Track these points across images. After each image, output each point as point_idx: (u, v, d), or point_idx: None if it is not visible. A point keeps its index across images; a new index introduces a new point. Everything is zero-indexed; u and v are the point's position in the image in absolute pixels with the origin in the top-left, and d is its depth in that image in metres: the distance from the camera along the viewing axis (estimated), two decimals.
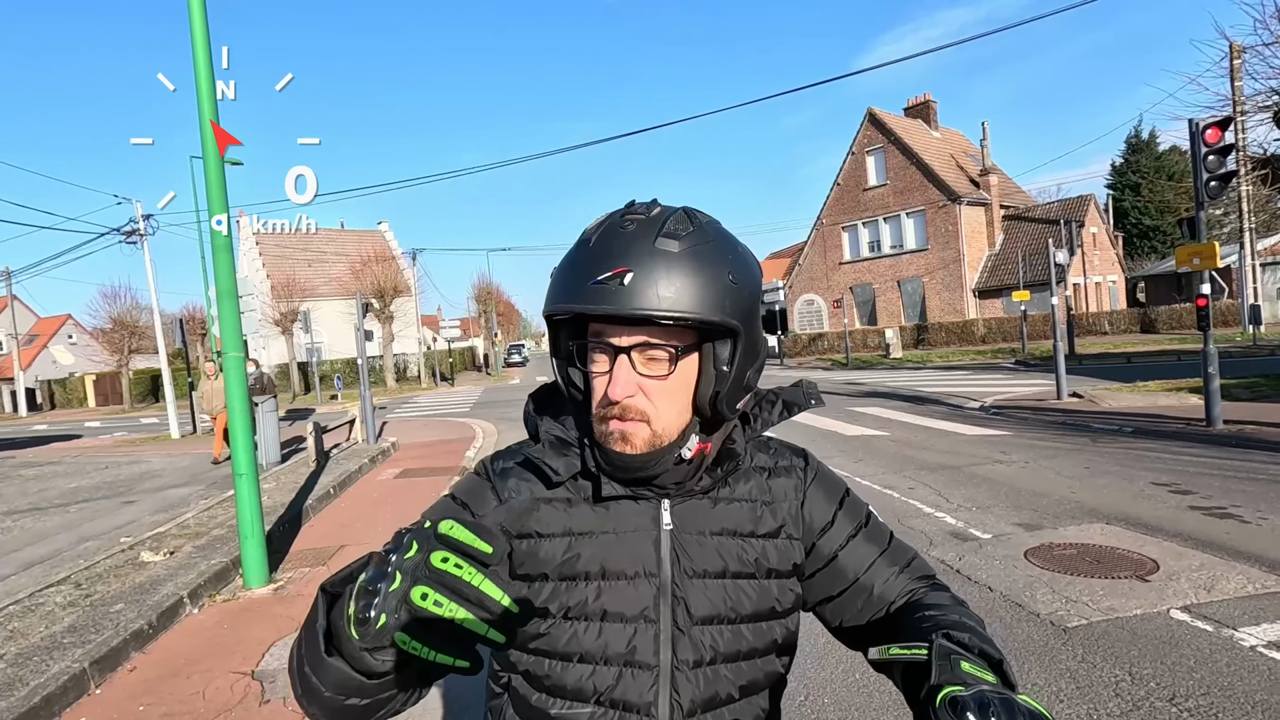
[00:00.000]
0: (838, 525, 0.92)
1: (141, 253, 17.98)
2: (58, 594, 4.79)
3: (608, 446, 0.81)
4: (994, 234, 30.42)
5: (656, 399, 0.80)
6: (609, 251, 0.76)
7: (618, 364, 0.78)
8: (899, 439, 9.02)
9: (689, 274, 0.75)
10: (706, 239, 0.78)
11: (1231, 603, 3.49)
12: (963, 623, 0.76)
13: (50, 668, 3.60)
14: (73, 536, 7.02)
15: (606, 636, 0.82)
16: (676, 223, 0.78)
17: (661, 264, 0.75)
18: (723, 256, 0.79)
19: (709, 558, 0.86)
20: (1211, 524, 4.71)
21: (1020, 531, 4.88)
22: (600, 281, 0.74)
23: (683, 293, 0.75)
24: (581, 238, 0.80)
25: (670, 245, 0.76)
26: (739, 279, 0.79)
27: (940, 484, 6.40)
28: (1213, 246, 7.74)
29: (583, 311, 0.77)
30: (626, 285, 0.74)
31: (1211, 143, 7.68)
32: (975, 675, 0.62)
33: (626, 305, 0.74)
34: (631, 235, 0.76)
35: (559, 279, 0.80)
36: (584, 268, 0.77)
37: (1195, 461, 6.60)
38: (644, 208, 0.80)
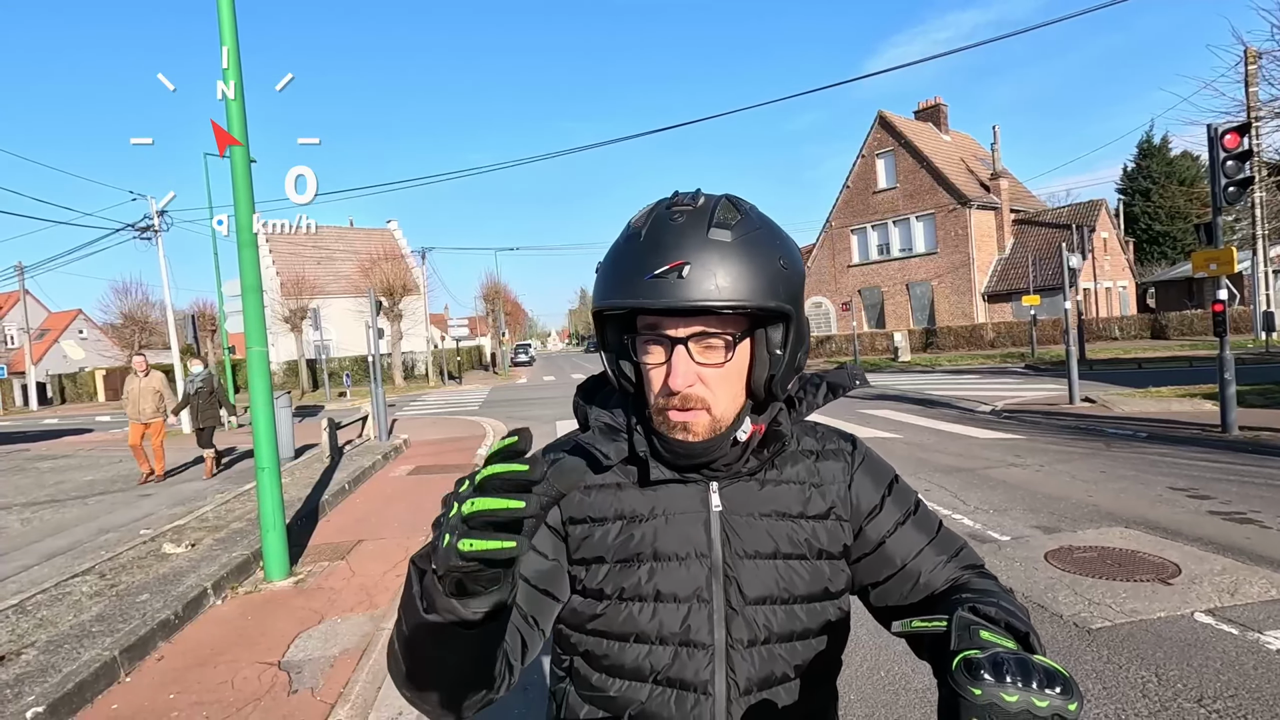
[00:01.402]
0: (885, 510, 0.92)
1: (154, 248, 18.13)
2: (83, 584, 4.85)
3: (670, 436, 0.83)
4: (1004, 238, 30.34)
5: (715, 386, 0.81)
6: (662, 244, 0.76)
7: (675, 355, 0.79)
8: (912, 441, 9.02)
9: (743, 262, 0.76)
10: (755, 227, 0.80)
11: (1256, 606, 3.49)
12: (991, 596, 0.75)
13: (81, 655, 3.65)
14: (92, 528, 7.09)
15: (661, 616, 0.84)
16: (725, 212, 0.79)
17: (716, 254, 0.75)
18: (772, 243, 0.80)
19: (759, 538, 0.87)
20: (1231, 529, 4.70)
21: (1039, 534, 4.88)
22: (657, 275, 0.75)
23: (739, 281, 0.76)
24: (629, 230, 0.81)
25: (723, 235, 0.76)
26: (788, 264, 0.81)
27: (956, 486, 6.40)
28: (1230, 252, 7.73)
29: (643, 307, 0.77)
30: (685, 278, 0.74)
31: (1230, 148, 7.65)
32: (993, 641, 0.62)
33: (686, 297, 0.75)
34: (683, 227, 0.77)
35: (610, 272, 0.80)
36: (637, 261, 0.77)
37: (1212, 467, 6.59)
38: (689, 197, 0.80)
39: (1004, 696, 0.54)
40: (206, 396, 9.95)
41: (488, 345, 51.99)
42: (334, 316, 34.54)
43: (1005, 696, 0.54)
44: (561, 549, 0.88)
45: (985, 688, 0.55)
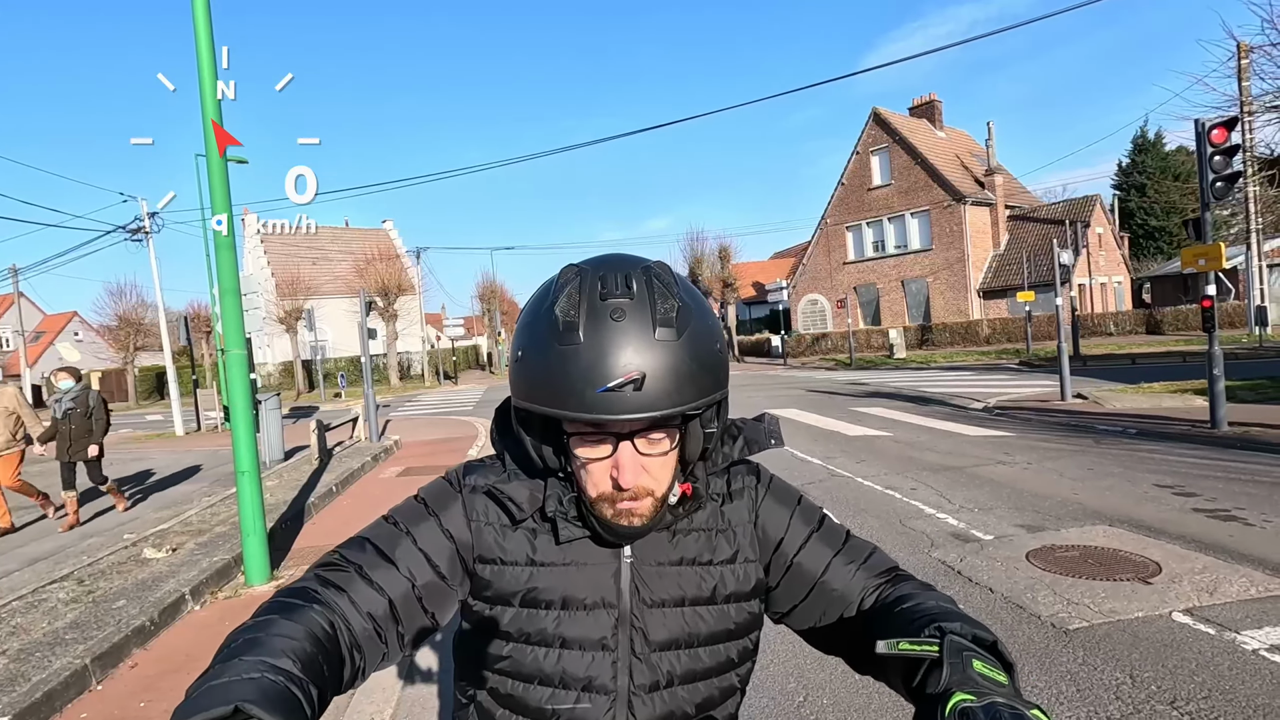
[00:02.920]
0: (792, 531, 0.93)
1: (146, 250, 18.07)
2: (60, 590, 4.81)
3: (615, 524, 0.82)
4: (999, 234, 30.33)
5: (658, 472, 0.81)
6: (607, 353, 0.73)
7: (622, 451, 0.78)
8: (902, 440, 9.00)
9: (691, 362, 0.76)
10: (691, 314, 0.78)
11: (1234, 605, 3.47)
12: (950, 610, 0.76)
13: (52, 663, 3.61)
14: (75, 533, 7.05)
15: (565, 663, 0.85)
16: (663, 301, 0.77)
17: (667, 360, 0.74)
18: (707, 327, 0.79)
19: (668, 587, 0.88)
20: (1215, 526, 4.68)
21: (1022, 533, 4.86)
22: (611, 389, 0.73)
23: (690, 384, 0.75)
24: (562, 329, 0.75)
25: (668, 335, 0.75)
26: (721, 344, 0.81)
27: (942, 485, 6.38)
28: (1218, 248, 7.70)
29: (602, 422, 0.75)
30: (641, 391, 0.73)
31: (1217, 143, 7.63)
32: (988, 677, 0.62)
33: (644, 409, 0.73)
34: (626, 329, 0.74)
35: (544, 377, 0.76)
36: (583, 370, 0.73)
37: (1199, 464, 6.57)
38: (621, 286, 0.77)
39: None
40: (80, 420, 7.30)
41: (484, 345, 51.95)
42: (329, 317, 34.48)
43: None
44: (461, 579, 0.87)
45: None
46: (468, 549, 0.87)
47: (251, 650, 0.65)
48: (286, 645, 0.67)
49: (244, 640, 0.68)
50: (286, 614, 0.73)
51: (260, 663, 0.64)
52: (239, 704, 0.58)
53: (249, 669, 0.63)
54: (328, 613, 0.76)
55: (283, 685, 0.62)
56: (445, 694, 3.19)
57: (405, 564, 0.84)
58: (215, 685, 0.61)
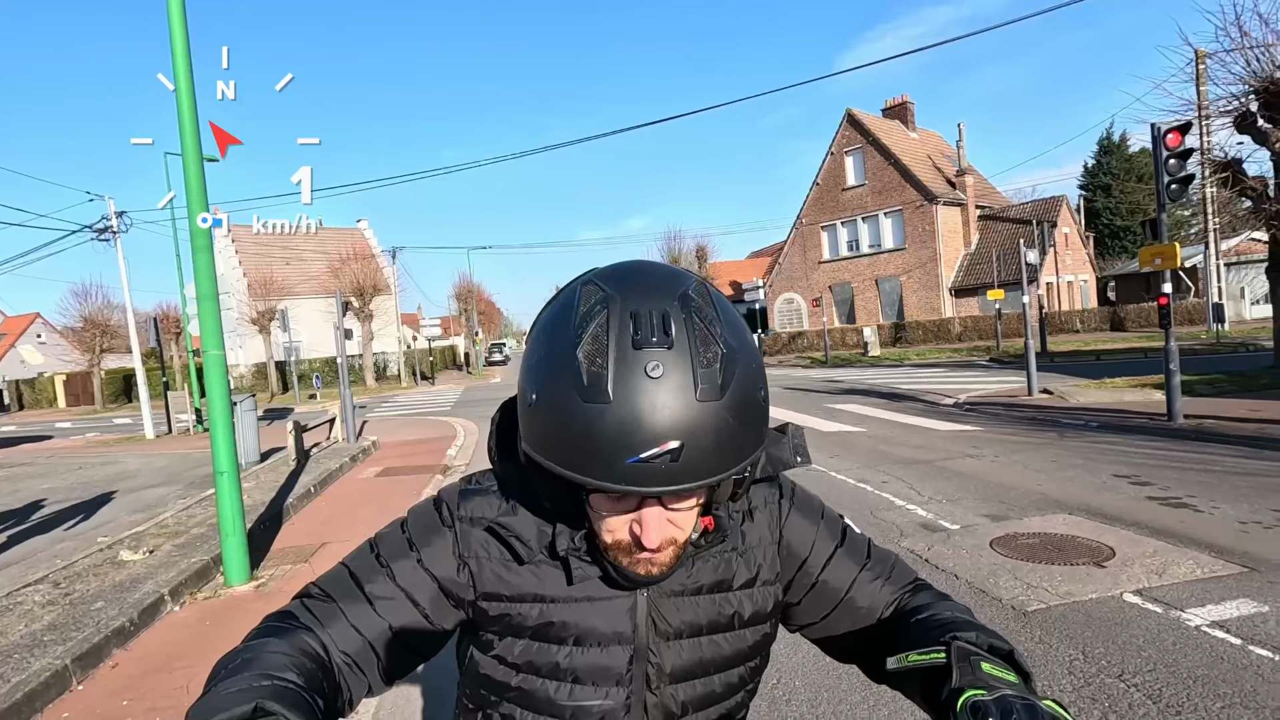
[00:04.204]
0: (817, 549, 0.91)
1: (113, 250, 17.73)
2: (36, 593, 4.78)
3: (631, 573, 0.78)
4: (970, 234, 30.94)
5: (684, 522, 0.76)
6: (640, 416, 0.64)
7: (647, 512, 0.73)
8: (875, 435, 9.21)
9: (735, 421, 0.67)
10: (736, 360, 0.68)
11: (1180, 586, 3.67)
12: (964, 620, 0.75)
13: (31, 665, 3.61)
14: (49, 537, 6.95)
15: (577, 697, 0.83)
16: (705, 350, 0.67)
17: (709, 423, 0.65)
18: (750, 372, 0.70)
19: (684, 617, 0.85)
20: (1167, 513, 4.92)
21: (987, 522, 5.05)
22: (644, 459, 0.64)
23: (733, 446, 0.67)
24: (587, 381, 0.65)
25: (712, 394, 0.65)
26: (763, 387, 0.72)
27: (913, 478, 6.58)
28: (1173, 247, 8.02)
29: (631, 494, 0.69)
30: (679, 462, 0.65)
31: (1172, 147, 7.95)
32: (997, 676, 0.61)
33: (682, 480, 0.66)
34: (664, 387, 0.64)
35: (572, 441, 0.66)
36: (611, 436, 0.64)
37: (1156, 455, 6.86)
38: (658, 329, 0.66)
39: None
40: None
41: (461, 344, 51.61)
42: (303, 317, 34.05)
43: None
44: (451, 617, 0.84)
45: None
46: (460, 586, 0.83)
47: (251, 667, 0.65)
48: (286, 661, 0.67)
49: (241, 660, 0.67)
50: (278, 636, 0.73)
51: (266, 675, 0.63)
52: (259, 702, 0.58)
53: (257, 679, 0.62)
54: (313, 639, 0.75)
55: (295, 690, 0.63)
56: (434, 687, 3.26)
57: (382, 604, 0.80)
58: (230, 691, 0.60)
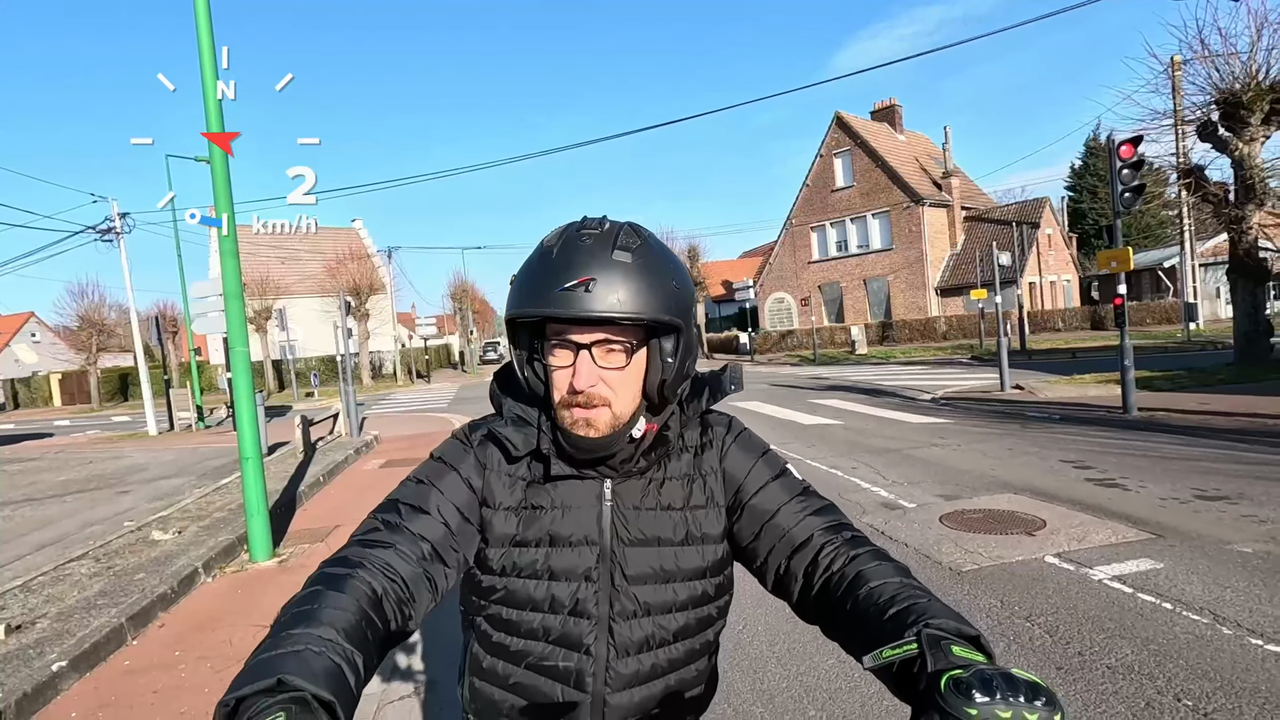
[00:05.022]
0: (753, 475, 1.03)
1: (113, 250, 18.10)
2: (81, 566, 5.27)
3: (573, 432, 0.93)
4: (955, 234, 31.61)
5: (615, 386, 0.92)
6: (571, 261, 0.87)
7: (580, 359, 0.90)
8: (851, 427, 9.77)
9: (641, 280, 0.88)
10: (652, 251, 0.91)
11: (1094, 550, 4.24)
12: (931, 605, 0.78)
13: (91, 623, 4.10)
14: (76, 522, 7.42)
15: (553, 591, 0.98)
16: (627, 237, 0.90)
17: (618, 272, 0.87)
18: (665, 266, 0.92)
19: (644, 528, 0.99)
20: (1100, 492, 5.49)
21: (941, 501, 5.61)
22: (567, 289, 0.85)
23: (637, 297, 0.87)
24: (541, 247, 0.91)
25: (624, 257, 0.88)
26: (680, 285, 0.93)
27: (880, 465, 7.13)
28: (1127, 251, 8.61)
29: (552, 315, 0.88)
30: (591, 292, 0.85)
31: (1125, 158, 8.53)
32: (967, 658, 0.65)
33: (591, 309, 0.85)
34: (590, 247, 0.88)
35: (523, 285, 0.91)
36: (548, 275, 0.87)
37: (1103, 443, 7.44)
38: (596, 222, 0.92)
39: (998, 713, 0.56)
40: None
41: (456, 344, 51.98)
42: (299, 316, 34.35)
43: (999, 713, 0.56)
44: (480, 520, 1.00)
45: (979, 706, 0.57)
46: (479, 492, 1.00)
47: (299, 624, 0.73)
48: (332, 616, 0.75)
49: (292, 615, 0.76)
50: (331, 584, 0.81)
51: (305, 634, 0.71)
52: (281, 676, 0.64)
53: (295, 642, 0.70)
54: (371, 576, 0.85)
55: (325, 657, 0.69)
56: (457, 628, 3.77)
57: (437, 512, 0.96)
58: (261, 660, 0.68)
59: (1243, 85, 12.19)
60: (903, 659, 0.68)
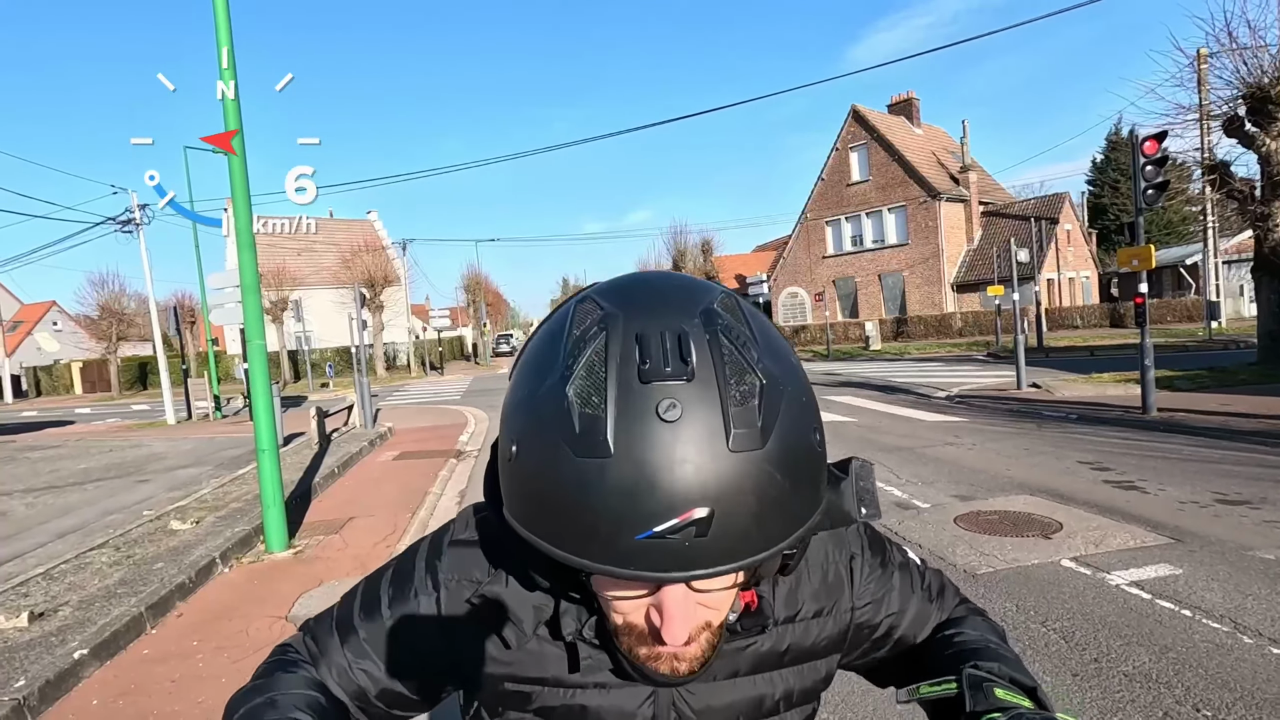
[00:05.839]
0: (894, 607, 0.78)
1: (133, 241, 18.33)
2: (101, 555, 5.36)
3: (650, 671, 0.63)
4: (973, 230, 31.25)
5: (718, 603, 0.60)
6: (653, 474, 0.49)
7: (669, 598, 0.56)
8: (865, 424, 9.72)
9: (783, 477, 0.52)
10: (781, 391, 0.53)
11: (1112, 554, 4.18)
12: (989, 648, 0.69)
13: (111, 611, 4.18)
14: (96, 510, 7.55)
15: None
16: (739, 382, 0.51)
17: (749, 481, 0.50)
18: (800, 402, 0.55)
19: (717, 705, 0.71)
20: (1117, 494, 5.42)
21: (955, 502, 5.56)
22: (660, 534, 0.49)
23: (780, 512, 0.52)
24: (580, 426, 0.50)
25: (750, 441, 0.50)
26: (817, 425, 0.57)
27: (894, 463, 7.09)
28: (1149, 249, 8.46)
29: (644, 580, 0.53)
30: (708, 536, 0.49)
31: (1149, 154, 8.37)
32: (1010, 700, 0.57)
33: (713, 564, 0.51)
34: (683, 435, 0.49)
35: (562, 509, 0.52)
36: (614, 503, 0.49)
37: (1122, 443, 7.34)
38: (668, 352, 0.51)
39: None
40: None
41: (469, 335, 52.26)
42: (314, 307, 34.64)
43: None
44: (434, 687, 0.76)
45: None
46: (441, 658, 0.73)
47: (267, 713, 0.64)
48: (299, 699, 0.66)
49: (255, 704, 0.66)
50: (288, 670, 0.72)
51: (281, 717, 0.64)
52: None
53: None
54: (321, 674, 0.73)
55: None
56: None
57: (358, 667, 0.73)
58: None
59: (1271, 79, 11.91)
60: (939, 698, 0.61)
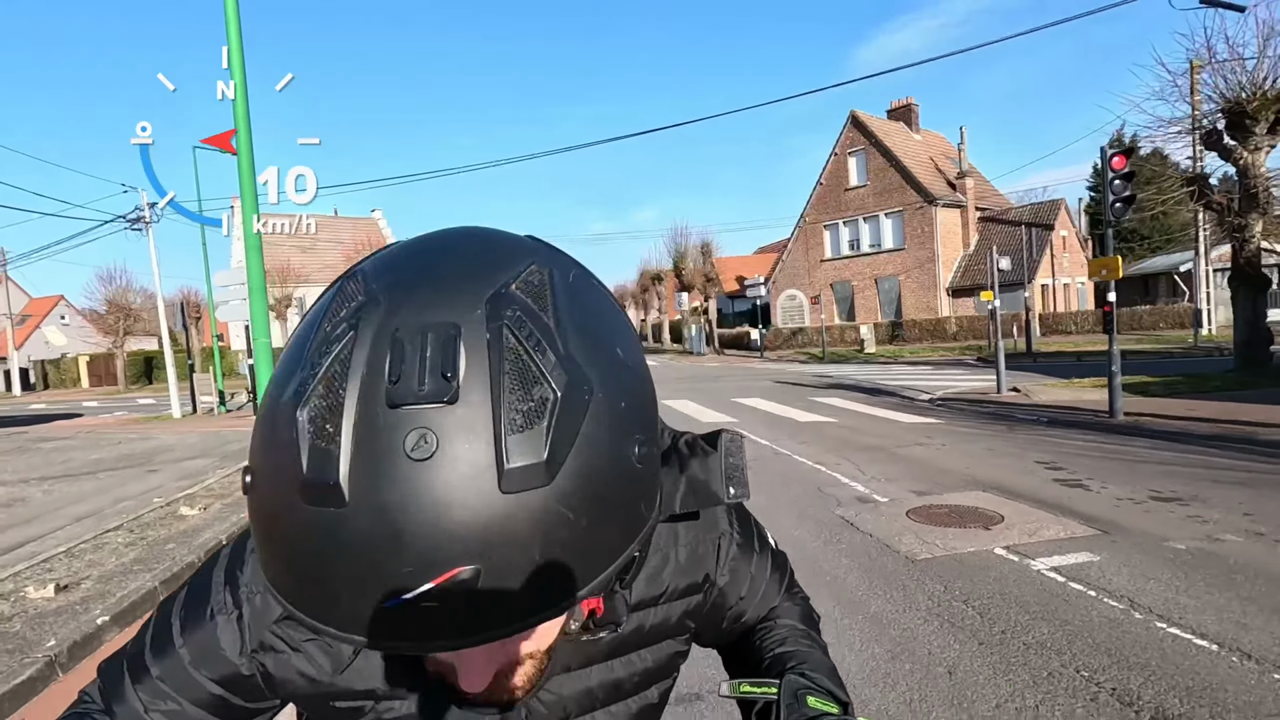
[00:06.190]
0: (752, 588, 0.78)
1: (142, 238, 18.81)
2: (117, 536, 5.78)
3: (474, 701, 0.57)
4: (969, 235, 31.58)
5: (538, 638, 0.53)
6: (404, 528, 0.36)
7: (461, 657, 0.50)
8: (845, 425, 10.10)
9: (583, 514, 0.39)
10: (579, 394, 0.40)
11: (1042, 544, 4.56)
12: (813, 655, 0.73)
13: (129, 585, 4.58)
14: (108, 498, 7.96)
15: None
16: (523, 397, 0.38)
17: (528, 527, 0.38)
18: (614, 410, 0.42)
19: (572, 692, 0.66)
20: (1063, 491, 5.80)
21: (912, 497, 5.95)
22: (410, 601, 0.37)
23: (581, 556, 0.41)
24: (311, 468, 0.37)
25: (532, 479, 0.38)
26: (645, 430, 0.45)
27: (863, 461, 7.47)
28: (1116, 260, 8.83)
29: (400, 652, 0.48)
30: (474, 598, 0.38)
31: (1117, 169, 8.74)
32: (819, 709, 0.61)
33: (483, 628, 0.39)
34: (440, 477, 0.36)
35: (295, 566, 0.40)
36: (352, 563, 0.37)
37: (1082, 445, 7.72)
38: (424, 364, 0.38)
39: None
40: None
41: None
42: None
43: None
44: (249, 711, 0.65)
45: None
46: (250, 685, 0.63)
47: None
48: None
49: None
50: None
51: None
52: None
53: None
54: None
55: None
56: None
57: (156, 708, 0.63)
58: None
59: (1249, 94, 12.28)
60: (759, 699, 0.65)
